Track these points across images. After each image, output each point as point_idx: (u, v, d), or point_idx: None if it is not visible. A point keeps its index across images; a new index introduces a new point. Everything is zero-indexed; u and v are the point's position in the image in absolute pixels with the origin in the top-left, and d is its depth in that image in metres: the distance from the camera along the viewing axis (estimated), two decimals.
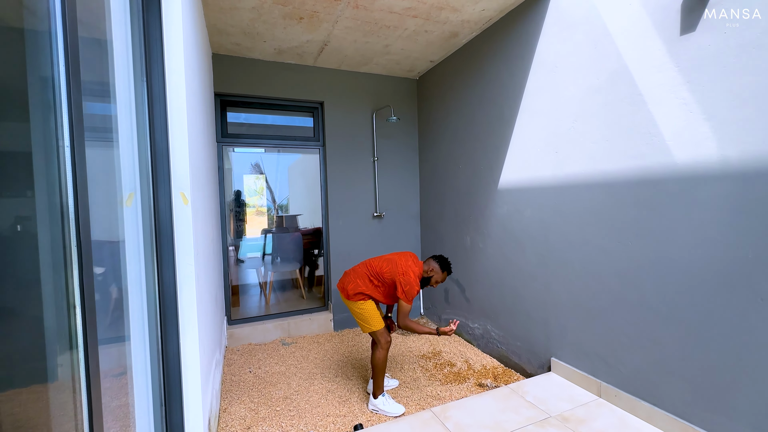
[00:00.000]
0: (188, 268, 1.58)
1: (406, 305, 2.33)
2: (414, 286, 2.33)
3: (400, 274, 2.36)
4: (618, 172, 2.08)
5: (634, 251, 2.01)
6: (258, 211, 4.35)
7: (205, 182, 2.31)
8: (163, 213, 1.51)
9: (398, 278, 2.35)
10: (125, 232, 1.41)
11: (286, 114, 3.96)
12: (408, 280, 2.33)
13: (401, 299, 2.33)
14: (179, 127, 1.55)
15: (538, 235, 2.65)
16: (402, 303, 2.34)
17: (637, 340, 2.02)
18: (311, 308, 4.06)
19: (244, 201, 4.19)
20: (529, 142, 2.70)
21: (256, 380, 2.92)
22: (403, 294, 2.32)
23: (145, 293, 1.46)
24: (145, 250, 1.46)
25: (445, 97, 3.69)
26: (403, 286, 2.32)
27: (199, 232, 1.81)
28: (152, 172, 1.46)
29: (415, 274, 2.38)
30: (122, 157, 1.38)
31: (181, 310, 1.57)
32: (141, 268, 1.45)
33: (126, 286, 1.41)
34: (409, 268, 2.38)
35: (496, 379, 2.84)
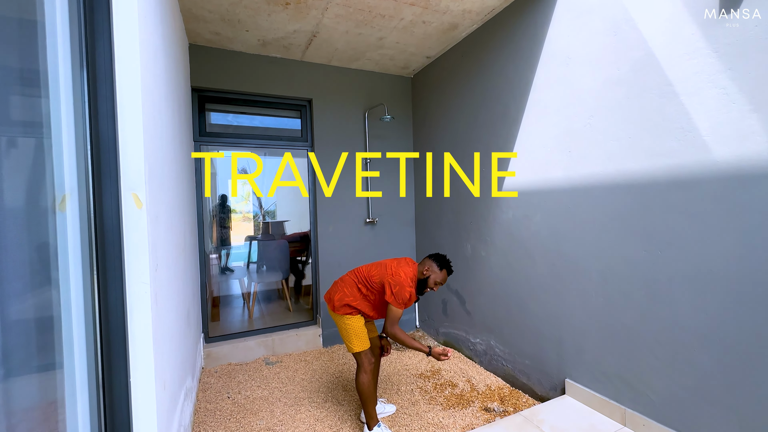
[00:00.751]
0: (142, 287, 1.27)
1: (395, 310, 2.04)
2: (405, 287, 2.05)
3: (389, 275, 2.09)
4: (643, 172, 1.85)
5: (664, 262, 1.78)
6: (244, 217, 4.05)
7: (174, 184, 2.00)
8: (109, 219, 1.20)
9: (387, 279, 2.08)
10: (58, 241, 1.10)
11: (271, 111, 3.66)
12: (398, 281, 2.05)
13: (390, 303, 2.05)
14: (131, 116, 1.25)
15: (549, 242, 2.41)
16: (391, 308, 2.05)
17: (670, 363, 1.77)
18: (298, 322, 3.73)
19: (229, 207, 3.89)
20: (537, 142, 2.47)
21: (234, 408, 2.58)
22: (392, 296, 2.03)
23: (83, 318, 1.15)
24: (83, 265, 1.15)
25: (443, 95, 3.46)
26: (392, 287, 2.04)
27: (160, 241, 1.50)
28: (93, 170, 1.16)
29: (408, 275, 2.10)
30: (54, 152, 1.08)
31: (132, 338, 1.25)
32: (78, 286, 1.14)
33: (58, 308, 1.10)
34: (401, 269, 2.11)
35: (503, 402, 2.57)
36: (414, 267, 2.18)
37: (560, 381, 2.37)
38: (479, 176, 3.03)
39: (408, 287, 2.06)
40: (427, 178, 3.78)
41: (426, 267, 2.17)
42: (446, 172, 3.46)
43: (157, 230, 1.44)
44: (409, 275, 2.11)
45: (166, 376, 1.52)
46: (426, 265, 2.18)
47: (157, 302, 1.39)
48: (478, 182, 3.04)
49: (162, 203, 1.58)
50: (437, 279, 2.15)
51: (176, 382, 1.78)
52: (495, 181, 2.86)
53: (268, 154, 3.94)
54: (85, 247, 1.15)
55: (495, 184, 2.86)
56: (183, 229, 2.26)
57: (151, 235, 1.35)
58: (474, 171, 3.08)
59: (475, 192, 3.06)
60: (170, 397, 1.58)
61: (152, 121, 1.45)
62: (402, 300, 2.04)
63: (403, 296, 2.04)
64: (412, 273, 2.14)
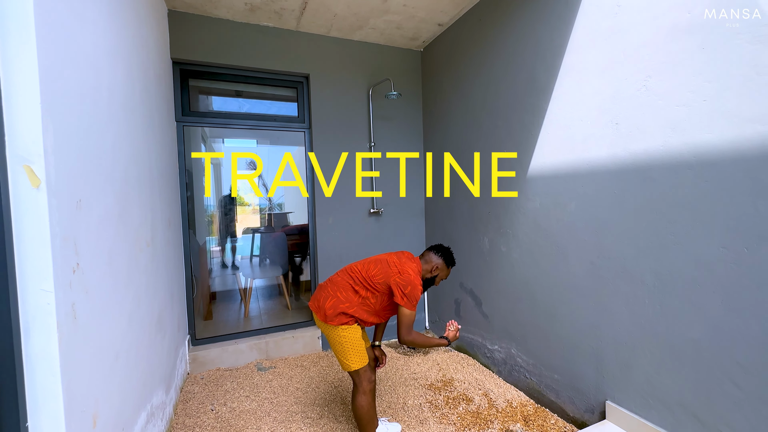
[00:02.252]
0: (42, 296, 0.91)
1: (408, 313, 1.72)
2: (417, 286, 1.73)
3: (396, 273, 1.75)
4: (725, 145, 1.41)
5: (753, 262, 1.35)
6: (254, 209, 3.75)
7: (131, 167, 1.64)
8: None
9: (394, 279, 1.74)
10: None
11: (263, 90, 3.29)
12: (408, 280, 1.72)
13: (402, 306, 1.71)
14: (21, 62, 0.88)
15: (588, 236, 1.99)
16: (403, 311, 1.71)
17: (759, 394, 1.36)
18: (295, 323, 3.40)
19: (236, 199, 3.59)
20: (573, 114, 2.04)
21: (217, 424, 2.26)
22: (404, 298, 1.71)
23: None
24: None
25: (457, 69, 3.02)
26: (403, 288, 1.71)
27: (89, 234, 1.15)
28: None
29: (416, 272, 1.79)
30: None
31: (29, 369, 0.90)
32: None
33: None
34: (406, 266, 1.78)
35: (527, 423, 2.19)
36: (417, 262, 1.88)
37: (599, 402, 1.97)
38: (499, 158, 2.60)
39: (419, 285, 1.76)
40: (438, 163, 3.36)
41: (433, 265, 1.90)
42: (460, 155, 3.03)
43: (78, 219, 1.08)
44: (416, 272, 1.81)
45: (100, 407, 1.17)
46: (432, 263, 1.90)
47: (76, 316, 1.03)
48: (499, 165, 2.61)
49: (95, 186, 1.22)
50: (443, 276, 1.96)
51: (128, 405, 1.44)
52: (520, 163, 2.43)
53: (264, 142, 3.58)
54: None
55: (519, 167, 2.43)
56: (150, 220, 1.91)
57: (63, 225, 0.99)
58: (493, 153, 2.66)
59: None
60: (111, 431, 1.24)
61: (72, 74, 1.08)
62: (415, 300, 1.73)
63: (415, 296, 1.73)
64: (417, 269, 1.84)
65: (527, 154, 2.36)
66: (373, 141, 3.39)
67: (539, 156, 2.28)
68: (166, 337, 2.18)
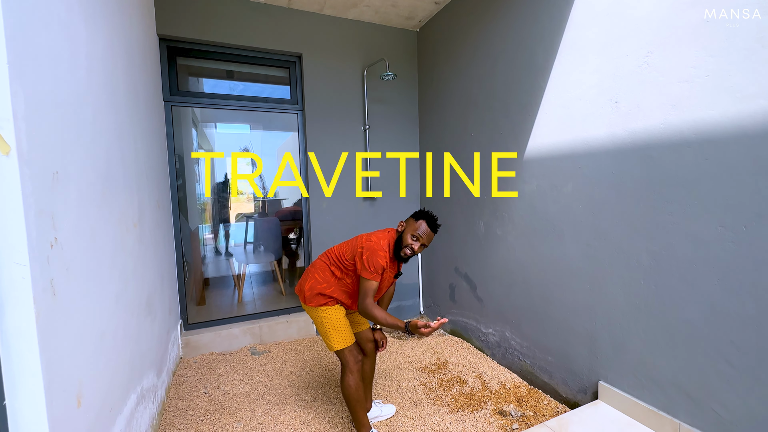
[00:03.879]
0: (17, 272, 0.87)
1: (367, 282, 1.64)
2: (377, 251, 1.65)
3: (359, 245, 1.71)
4: (726, 122, 1.38)
5: (750, 240, 1.34)
6: (248, 198, 3.70)
7: (114, 144, 1.57)
8: None
9: (358, 250, 1.70)
10: None
11: (255, 69, 3.19)
12: (368, 246, 1.67)
13: (361, 275, 1.65)
14: None
15: (584, 217, 1.96)
16: (362, 279, 1.65)
17: (752, 373, 1.36)
18: (289, 308, 3.37)
19: (230, 189, 3.53)
20: (572, 93, 1.99)
21: (210, 406, 2.25)
22: (361, 263, 1.65)
23: None
24: None
25: (454, 50, 2.95)
26: (363, 254, 1.66)
27: (69, 208, 1.09)
28: None
29: (381, 239, 1.72)
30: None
31: (4, 346, 0.86)
32: None
33: None
34: (372, 236, 1.74)
35: (520, 404, 2.20)
36: (391, 232, 1.80)
37: (592, 383, 1.98)
38: (496, 140, 2.56)
39: (381, 251, 1.67)
40: (433, 147, 3.31)
41: (400, 223, 1.79)
42: (456, 138, 2.98)
43: (57, 192, 1.03)
44: (383, 239, 1.73)
45: (85, 387, 1.14)
46: (400, 222, 1.80)
47: (55, 293, 0.99)
48: (495, 148, 2.57)
49: (74, 160, 1.16)
50: (411, 231, 1.72)
51: (116, 386, 1.41)
52: (516, 145, 2.39)
53: (257, 127, 3.50)
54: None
55: (516, 148, 2.39)
56: (137, 199, 1.85)
57: (38, 196, 0.93)
58: (489, 135, 2.61)
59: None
60: (96, 412, 1.21)
61: (44, 37, 1.01)
62: (374, 267, 1.64)
63: (375, 262, 1.64)
64: (387, 238, 1.75)
65: (524, 135, 2.32)
66: (368, 124, 3.32)
67: (536, 137, 2.24)
68: (157, 320, 2.15)
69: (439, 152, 3.24)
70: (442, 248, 3.29)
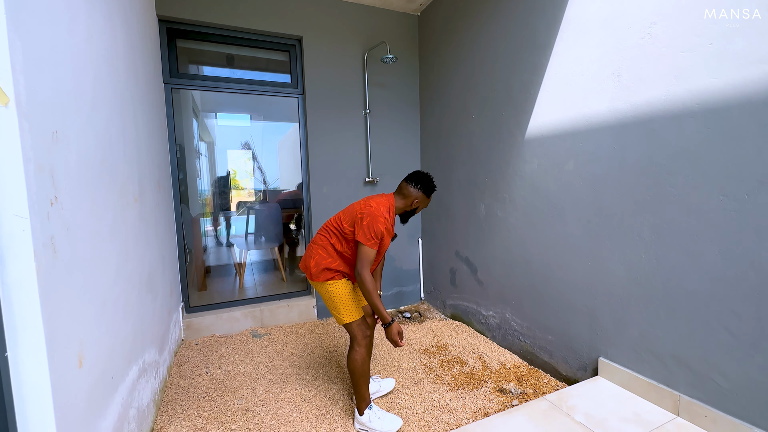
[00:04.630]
0: (16, 224, 0.87)
1: (365, 249, 1.62)
2: (377, 217, 1.63)
3: (359, 211, 1.69)
4: (729, 90, 1.37)
5: (753, 207, 1.33)
6: (249, 193, 3.70)
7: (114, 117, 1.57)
8: None
9: (357, 216, 1.68)
10: None
11: (254, 53, 3.18)
12: (368, 212, 1.65)
13: (360, 241, 1.63)
14: None
15: (585, 194, 1.96)
16: (361, 246, 1.63)
17: (752, 341, 1.36)
18: (290, 292, 3.39)
19: (230, 184, 3.53)
20: (574, 68, 1.98)
21: (212, 384, 2.26)
22: (361, 230, 1.62)
23: None
24: None
25: (455, 32, 2.92)
26: (363, 220, 1.64)
27: (68, 169, 1.09)
28: None
29: (381, 204, 1.71)
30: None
31: (5, 297, 0.87)
32: None
33: None
34: (371, 200, 1.72)
35: (520, 383, 2.21)
36: (389, 197, 1.78)
37: (592, 360, 1.99)
38: (498, 122, 2.55)
39: (381, 217, 1.65)
40: (435, 130, 3.30)
41: (412, 198, 1.78)
42: (458, 121, 2.97)
43: (55, 150, 1.03)
44: (382, 204, 1.71)
45: (86, 349, 1.14)
46: (412, 196, 1.78)
47: (56, 250, 0.99)
48: (497, 129, 2.56)
49: (73, 122, 1.16)
50: (425, 205, 1.86)
51: (118, 355, 1.42)
52: (518, 125, 2.38)
53: (258, 118, 3.47)
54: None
55: (517, 129, 2.38)
56: (137, 175, 1.85)
57: (37, 151, 0.93)
58: (492, 116, 2.60)
59: (492, 141, 2.59)
60: (98, 376, 1.22)
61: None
62: (374, 233, 1.62)
63: (375, 228, 1.62)
64: (387, 204, 1.74)
65: (525, 114, 2.31)
66: (369, 108, 3.31)
67: (538, 116, 2.23)
68: (158, 298, 2.16)
69: (439, 135, 3.23)
70: (442, 233, 3.29)
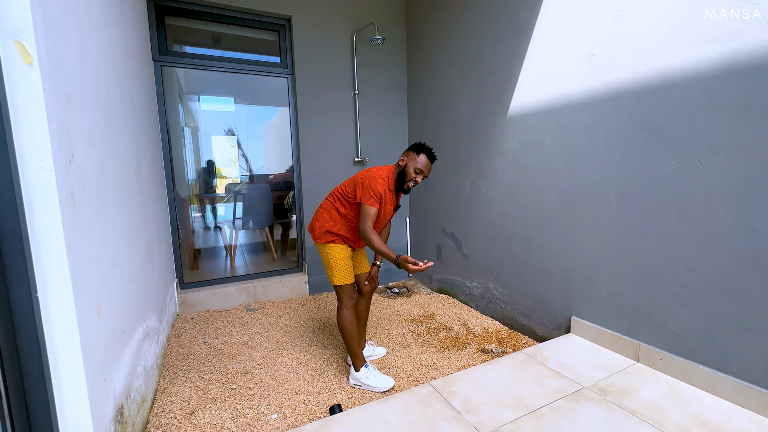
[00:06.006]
0: (43, 176, 0.94)
1: (366, 208, 1.76)
2: (376, 179, 1.78)
3: (360, 177, 1.84)
4: (687, 67, 1.53)
5: (703, 173, 1.50)
6: (233, 182, 3.72)
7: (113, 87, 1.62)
8: None
9: (359, 181, 1.83)
10: None
11: (243, 31, 3.19)
12: (369, 175, 1.81)
13: (362, 201, 1.78)
14: None
15: (561, 167, 2.11)
16: (362, 206, 1.77)
17: (699, 291, 1.55)
18: (282, 269, 3.48)
19: (214, 171, 3.55)
20: (552, 51, 2.11)
21: (210, 352, 2.36)
22: (362, 190, 1.78)
23: None
24: None
25: (442, 13, 3.01)
26: (363, 182, 1.79)
27: (80, 129, 1.16)
28: None
29: (380, 170, 1.86)
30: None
31: (34, 239, 0.95)
32: None
33: None
34: (372, 168, 1.87)
35: (501, 344, 2.39)
36: (389, 166, 1.92)
37: (565, 319, 2.18)
38: (482, 102, 2.67)
39: (380, 179, 1.79)
40: (422, 111, 3.40)
41: (401, 158, 1.88)
42: (444, 102, 3.08)
43: (70, 112, 1.10)
44: (382, 170, 1.86)
45: (102, 301, 1.23)
46: (401, 157, 1.89)
47: (75, 203, 1.07)
48: (481, 108, 2.69)
49: (83, 85, 1.22)
50: (414, 164, 1.82)
51: (126, 313, 1.50)
52: (500, 104, 2.51)
53: (242, 102, 3.49)
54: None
55: (500, 108, 2.51)
56: (135, 147, 1.90)
57: (56, 110, 1.00)
58: (476, 96, 2.72)
59: (477, 121, 2.72)
60: (112, 327, 1.31)
61: None
62: (373, 192, 1.75)
63: (374, 188, 1.75)
64: (387, 170, 1.88)
65: (508, 94, 2.44)
66: (357, 89, 3.38)
67: (519, 96, 2.36)
68: (156, 269, 2.23)
69: (426, 116, 3.34)
70: (429, 211, 3.43)
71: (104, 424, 1.15)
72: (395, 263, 1.69)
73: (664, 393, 1.55)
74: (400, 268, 1.70)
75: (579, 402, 1.51)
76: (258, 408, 1.79)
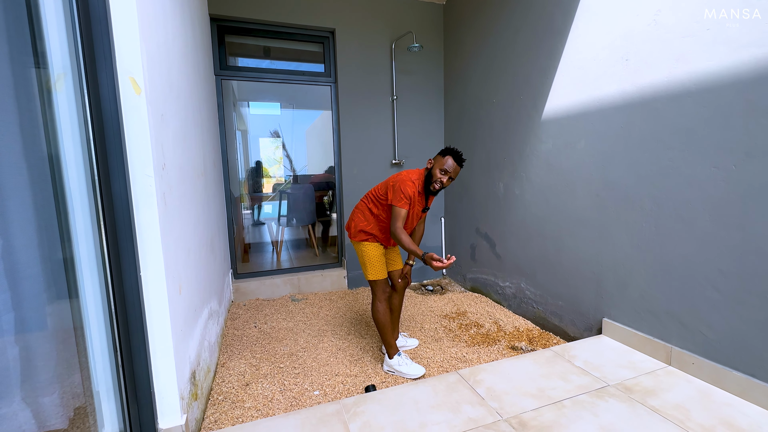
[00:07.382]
0: (146, 180, 1.21)
1: (397, 209, 1.90)
2: (405, 181, 1.92)
3: (391, 180, 2.00)
4: (723, 71, 1.52)
5: (738, 177, 1.50)
6: (278, 180, 4.06)
7: (188, 101, 1.91)
8: (107, 102, 1.12)
9: (390, 184, 1.99)
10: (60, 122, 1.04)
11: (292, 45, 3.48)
12: (400, 178, 1.95)
13: (392, 203, 1.92)
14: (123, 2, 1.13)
15: (594, 170, 2.14)
16: (393, 208, 1.92)
17: (735, 296, 1.54)
18: (324, 264, 3.74)
19: (262, 171, 3.90)
20: (587, 54, 2.14)
21: (260, 335, 2.65)
22: (393, 193, 1.92)
23: (87, 208, 1.11)
24: (84, 150, 1.09)
25: (478, 20, 3.09)
26: (395, 184, 1.93)
27: (168, 142, 1.43)
28: (83, 46, 1.06)
29: (410, 173, 1.99)
30: (38, 26, 0.99)
31: (140, 231, 1.21)
32: (80, 173, 1.09)
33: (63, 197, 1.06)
34: (403, 171, 2.02)
35: (531, 342, 2.45)
36: (421, 170, 2.05)
37: (597, 321, 2.20)
38: (517, 105, 2.73)
39: (409, 182, 1.94)
40: (458, 115, 3.50)
41: (429, 161, 2.01)
42: (480, 106, 3.16)
43: (163, 129, 1.37)
44: (413, 173, 2.01)
45: (182, 282, 1.50)
46: (429, 161, 2.02)
47: (166, 203, 1.34)
48: (515, 112, 2.74)
49: (170, 106, 1.49)
50: (440, 166, 1.90)
51: (197, 294, 1.79)
52: (535, 108, 2.56)
53: (288, 106, 3.78)
54: (82, 129, 1.08)
55: (534, 111, 2.56)
56: (202, 153, 2.21)
57: (155, 129, 1.27)
58: (511, 100, 2.78)
59: (512, 124, 2.78)
60: (188, 305, 1.58)
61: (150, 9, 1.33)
62: (403, 194, 1.89)
63: (404, 190, 1.90)
64: (417, 173, 2.02)
65: (542, 98, 2.48)
66: (396, 94, 3.55)
67: (553, 100, 2.40)
68: (217, 260, 2.54)
69: (462, 120, 3.43)
70: (463, 211, 3.52)
71: (183, 381, 1.41)
72: (422, 260, 1.83)
73: (692, 395, 1.56)
74: (426, 264, 1.83)
75: (602, 397, 1.56)
76: (302, 385, 2.02)
